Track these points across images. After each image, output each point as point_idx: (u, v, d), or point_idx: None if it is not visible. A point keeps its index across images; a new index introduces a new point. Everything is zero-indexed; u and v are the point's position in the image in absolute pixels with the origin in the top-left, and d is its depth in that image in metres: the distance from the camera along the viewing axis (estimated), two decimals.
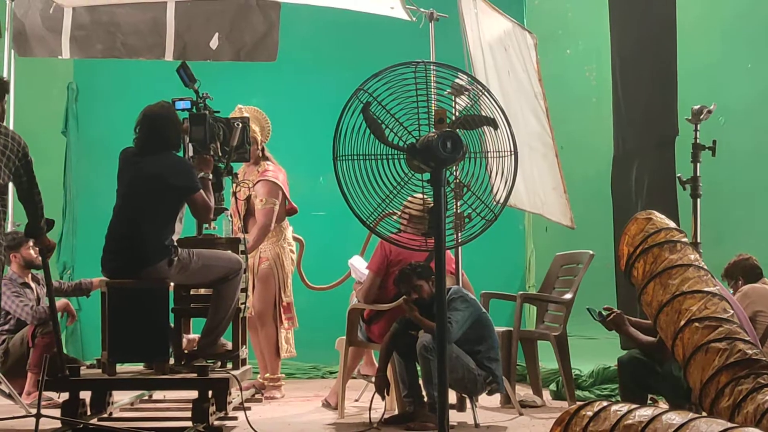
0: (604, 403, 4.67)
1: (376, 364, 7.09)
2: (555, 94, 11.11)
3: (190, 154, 6.91)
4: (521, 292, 7.56)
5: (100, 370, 6.52)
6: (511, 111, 7.49)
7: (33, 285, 7.88)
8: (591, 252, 7.58)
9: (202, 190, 6.54)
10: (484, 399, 7.25)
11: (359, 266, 7.46)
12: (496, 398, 7.48)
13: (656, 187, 7.79)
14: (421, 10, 8.04)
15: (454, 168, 5.17)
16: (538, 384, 7.81)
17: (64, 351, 9.50)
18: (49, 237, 6.56)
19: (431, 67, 5.13)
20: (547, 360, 8.16)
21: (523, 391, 7.84)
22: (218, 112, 7.07)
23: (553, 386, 8.10)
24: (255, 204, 7.99)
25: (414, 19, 8.16)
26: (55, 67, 10.30)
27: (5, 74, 8.54)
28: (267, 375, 8.11)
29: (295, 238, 8.21)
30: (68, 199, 10.37)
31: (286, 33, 8.68)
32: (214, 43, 8.53)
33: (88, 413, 6.44)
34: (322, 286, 8.38)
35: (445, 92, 5.28)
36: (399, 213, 5.32)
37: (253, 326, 8.06)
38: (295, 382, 9.25)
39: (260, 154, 8.10)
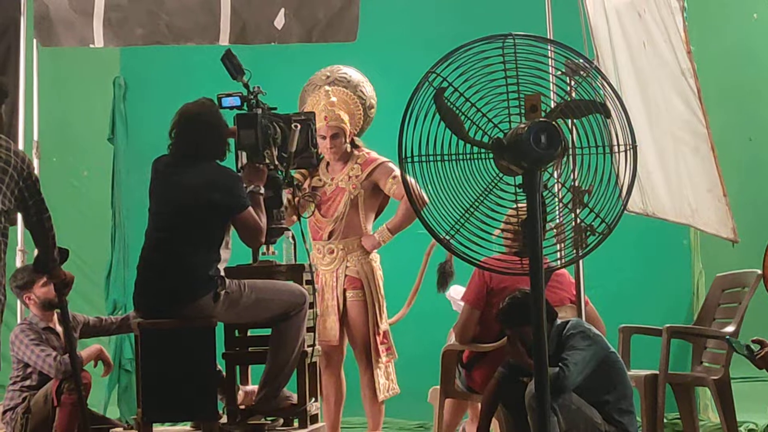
0: None
1: None
2: (737, 70, 10.98)
3: (244, 162, 7.02)
4: (668, 325, 7.48)
5: None
6: (648, 91, 7.54)
7: (59, 329, 8.01)
8: (758, 272, 7.46)
9: (251, 208, 6.66)
10: None
11: (458, 297, 7.50)
12: None
13: None
14: None
15: (555, 168, 5.14)
16: None
17: (112, 411, 9.84)
18: (64, 269, 6.72)
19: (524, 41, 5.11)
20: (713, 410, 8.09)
21: None
22: (275, 108, 7.16)
23: None
24: (387, 189, 8.04)
25: None
26: (99, 58, 10.47)
27: (23, 69, 8.76)
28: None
29: None
30: (117, 222, 10.42)
31: (372, 5, 8.71)
32: (279, 21, 8.59)
33: None
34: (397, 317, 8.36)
35: (558, 73, 5.28)
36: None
37: (336, 367, 8.11)
38: None
39: (348, 148, 8.16)
